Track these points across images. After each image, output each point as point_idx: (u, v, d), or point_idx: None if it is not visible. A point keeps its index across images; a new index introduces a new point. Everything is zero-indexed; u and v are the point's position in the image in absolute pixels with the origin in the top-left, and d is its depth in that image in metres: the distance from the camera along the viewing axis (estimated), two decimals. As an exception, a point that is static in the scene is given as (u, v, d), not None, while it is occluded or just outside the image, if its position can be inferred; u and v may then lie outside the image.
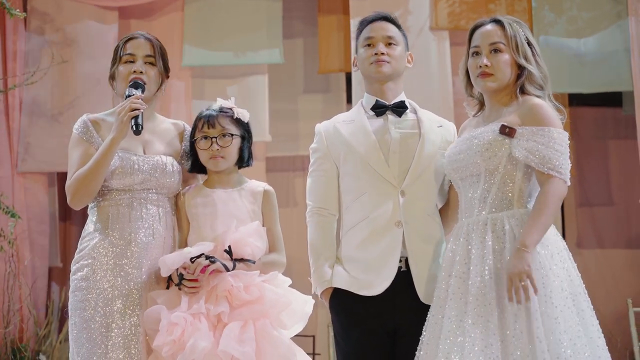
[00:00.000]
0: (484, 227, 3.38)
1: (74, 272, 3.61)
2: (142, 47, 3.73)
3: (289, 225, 5.87)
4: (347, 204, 3.72)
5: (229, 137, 3.66)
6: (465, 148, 3.49)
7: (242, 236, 3.56)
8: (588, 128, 7.88)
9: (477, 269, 3.30)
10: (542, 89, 3.51)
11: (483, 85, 3.55)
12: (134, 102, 3.52)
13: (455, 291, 3.32)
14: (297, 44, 7.71)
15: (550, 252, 3.32)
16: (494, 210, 3.40)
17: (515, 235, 3.31)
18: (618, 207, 7.85)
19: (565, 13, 7.04)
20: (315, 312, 5.11)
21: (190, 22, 7.28)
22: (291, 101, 7.69)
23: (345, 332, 3.65)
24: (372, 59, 3.76)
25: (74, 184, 3.56)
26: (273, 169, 7.53)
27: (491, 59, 3.52)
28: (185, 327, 3.39)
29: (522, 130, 3.37)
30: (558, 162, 3.32)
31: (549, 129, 3.36)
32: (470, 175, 3.49)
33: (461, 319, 3.25)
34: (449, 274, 3.40)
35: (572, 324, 3.21)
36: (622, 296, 7.08)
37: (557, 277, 3.27)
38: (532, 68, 3.49)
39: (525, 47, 3.51)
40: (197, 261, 3.47)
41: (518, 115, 3.43)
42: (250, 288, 3.46)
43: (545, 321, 3.17)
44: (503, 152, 3.40)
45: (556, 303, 3.20)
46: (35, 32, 7.18)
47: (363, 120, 3.78)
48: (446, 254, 3.48)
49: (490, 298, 3.24)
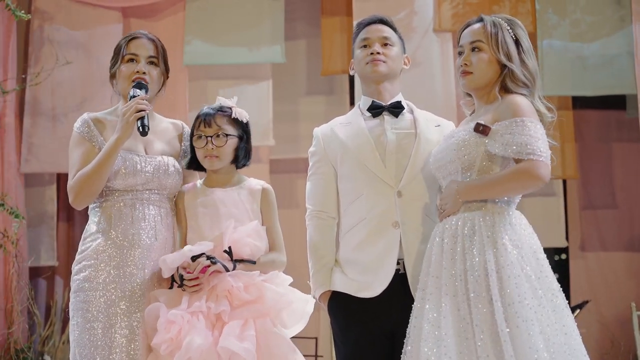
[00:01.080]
0: (456, 226, 3.39)
1: (75, 272, 3.60)
2: (146, 47, 3.73)
3: (292, 227, 5.86)
4: (345, 206, 3.72)
5: (224, 137, 3.65)
6: (445, 147, 3.50)
7: (241, 236, 3.56)
8: (591, 131, 7.88)
9: (446, 272, 3.31)
10: (528, 87, 3.48)
11: (463, 83, 3.57)
12: (139, 102, 3.53)
13: (432, 291, 3.32)
14: (300, 45, 7.72)
15: (521, 253, 3.30)
16: (467, 209, 3.41)
17: (483, 235, 3.30)
18: (622, 210, 7.84)
19: (569, 16, 7.04)
20: (318, 314, 5.10)
21: (191, 21, 7.28)
22: (294, 103, 7.70)
23: (344, 335, 3.65)
24: (367, 58, 3.76)
25: (77, 183, 3.56)
26: (276, 170, 7.54)
27: (471, 57, 3.52)
28: (183, 325, 3.39)
29: (497, 126, 3.36)
30: (535, 145, 3.29)
31: (521, 119, 3.33)
32: (449, 173, 3.49)
33: (437, 321, 3.25)
34: (427, 273, 3.40)
35: (548, 324, 3.19)
36: (626, 300, 7.08)
37: (528, 278, 3.25)
38: (514, 66, 3.47)
39: (509, 44, 3.49)
40: (198, 260, 3.47)
41: (495, 113, 3.42)
42: (250, 288, 3.47)
43: (519, 323, 3.14)
44: (478, 150, 3.39)
45: (531, 304, 3.19)
46: (39, 32, 7.20)
47: (359, 121, 3.78)
48: (426, 253, 3.48)
49: (460, 302, 3.24)
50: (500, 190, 3.37)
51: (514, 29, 3.53)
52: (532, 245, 3.37)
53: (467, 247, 3.32)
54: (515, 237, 3.33)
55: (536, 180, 3.32)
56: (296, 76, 7.72)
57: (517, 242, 3.32)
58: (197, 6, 7.33)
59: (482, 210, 3.39)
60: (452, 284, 3.28)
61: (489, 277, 3.22)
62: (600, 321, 7.44)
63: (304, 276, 3.78)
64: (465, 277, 3.28)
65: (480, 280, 3.23)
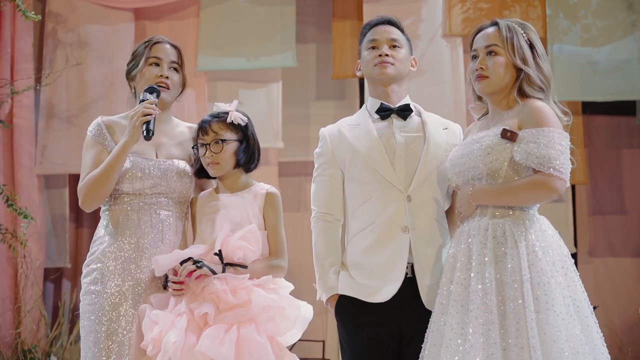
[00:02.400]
0: (485, 232, 3.37)
1: (84, 275, 3.64)
2: (169, 52, 3.78)
3: (300, 230, 5.88)
4: (353, 209, 3.71)
5: (221, 143, 3.65)
6: (467, 152, 3.47)
7: (233, 239, 3.54)
8: (601, 137, 7.86)
9: (477, 276, 3.29)
10: (543, 91, 3.48)
11: (479, 87, 3.55)
12: (146, 106, 3.54)
13: (457, 298, 3.31)
14: (310, 49, 7.71)
15: (552, 259, 3.30)
16: (496, 215, 3.39)
17: (516, 241, 3.30)
18: (631, 215, 7.82)
19: (580, 21, 7.03)
20: (325, 317, 5.12)
21: (204, 27, 7.30)
22: (304, 106, 7.69)
23: (351, 338, 3.64)
24: (375, 60, 3.75)
25: (85, 186, 3.58)
26: (285, 173, 7.54)
27: (486, 61, 3.52)
28: (165, 325, 3.39)
29: (523, 133, 3.36)
30: (558, 161, 3.30)
31: (548, 129, 3.34)
32: (471, 179, 3.47)
33: (462, 327, 3.24)
34: (450, 280, 3.38)
35: (575, 332, 3.19)
36: (634, 305, 7.06)
37: (558, 284, 3.25)
38: (530, 70, 3.46)
39: (524, 48, 3.48)
40: (183, 265, 3.48)
41: (519, 119, 3.41)
42: (238, 292, 3.44)
43: (546, 330, 3.15)
44: (504, 156, 3.38)
45: (558, 311, 3.19)
46: (51, 34, 7.22)
47: (368, 124, 3.77)
48: (447, 260, 3.47)
49: (491, 306, 3.22)
50: (515, 198, 3.37)
51: (527, 33, 3.52)
52: (562, 251, 3.38)
53: (500, 253, 3.31)
54: (545, 244, 3.33)
55: (552, 194, 3.34)
56: (307, 79, 7.72)
57: (548, 249, 3.32)
58: (211, 12, 7.33)
59: (511, 216, 3.38)
60: (482, 290, 3.26)
61: (523, 283, 3.21)
62: (608, 327, 7.41)
63: (312, 279, 3.77)
64: (498, 284, 3.26)
65: (517, 286, 3.22)
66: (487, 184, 3.41)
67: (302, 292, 3.68)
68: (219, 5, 7.36)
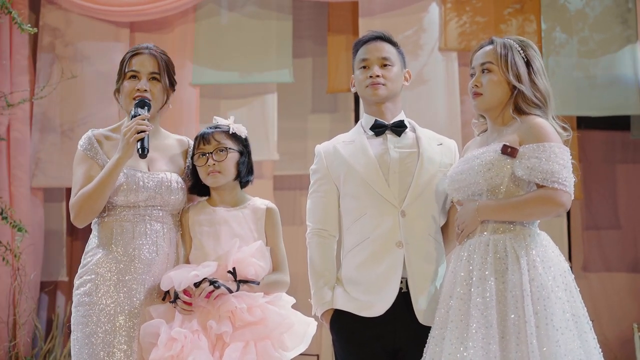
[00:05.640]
0: (485, 248, 3.38)
1: (77, 287, 3.60)
2: (147, 63, 3.70)
3: (295, 244, 5.86)
4: (348, 225, 3.71)
5: (224, 151, 3.66)
6: (467, 168, 3.48)
7: (245, 256, 3.55)
8: (596, 151, 7.88)
9: (478, 291, 3.29)
10: (540, 108, 3.49)
11: (474, 104, 3.58)
12: (139, 123, 3.51)
13: (457, 313, 3.31)
14: (306, 63, 7.72)
15: (552, 274, 3.31)
16: (497, 231, 3.40)
17: (518, 256, 3.31)
18: (625, 230, 7.83)
19: (577, 34, 7.04)
20: (319, 331, 5.10)
21: (200, 40, 7.30)
22: (299, 120, 7.70)
23: (346, 353, 3.64)
24: (367, 81, 3.75)
25: (78, 203, 3.55)
26: (280, 187, 7.54)
27: (481, 78, 3.54)
28: (185, 344, 3.38)
29: (523, 149, 3.37)
30: (561, 175, 3.31)
31: (549, 144, 3.35)
32: (472, 195, 3.48)
33: (462, 342, 3.24)
34: (450, 295, 3.39)
35: (574, 347, 3.20)
36: (628, 320, 7.07)
37: (559, 299, 3.26)
38: (523, 87, 3.47)
39: (519, 65, 3.49)
40: (201, 287, 3.46)
41: (518, 135, 3.42)
42: (253, 309, 3.46)
43: (546, 344, 3.15)
44: (505, 172, 3.39)
45: (557, 326, 3.19)
46: (47, 47, 7.22)
47: (363, 140, 3.77)
48: (447, 275, 3.48)
49: (491, 321, 3.23)
50: (521, 213, 3.38)
51: (525, 50, 3.53)
52: (562, 266, 3.39)
53: (501, 268, 3.31)
54: (546, 259, 3.34)
55: (558, 208, 3.35)
56: (302, 93, 7.72)
57: (549, 264, 3.33)
58: (207, 25, 7.34)
59: (512, 232, 3.39)
60: (482, 304, 3.26)
61: (524, 298, 3.22)
62: (602, 342, 7.35)
63: (307, 294, 3.77)
64: (499, 298, 3.26)
65: (518, 301, 3.22)
66: (491, 199, 3.41)
67: (298, 305, 3.68)
68: (215, 19, 7.37)
